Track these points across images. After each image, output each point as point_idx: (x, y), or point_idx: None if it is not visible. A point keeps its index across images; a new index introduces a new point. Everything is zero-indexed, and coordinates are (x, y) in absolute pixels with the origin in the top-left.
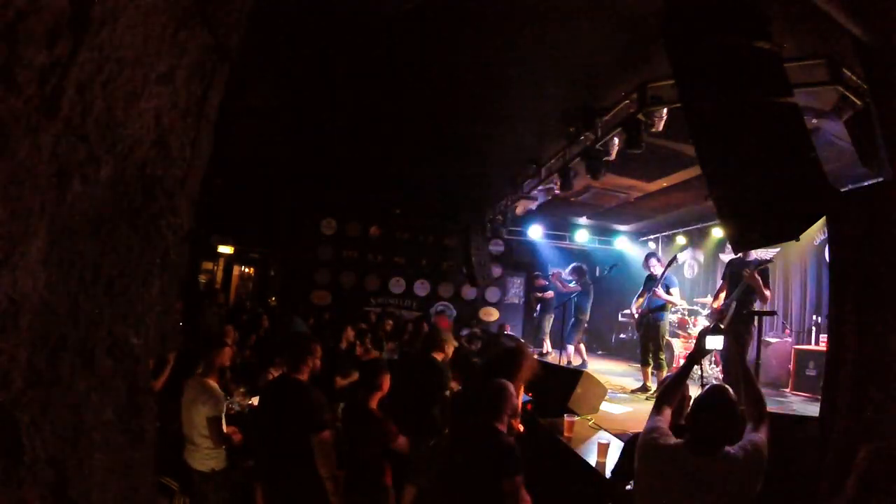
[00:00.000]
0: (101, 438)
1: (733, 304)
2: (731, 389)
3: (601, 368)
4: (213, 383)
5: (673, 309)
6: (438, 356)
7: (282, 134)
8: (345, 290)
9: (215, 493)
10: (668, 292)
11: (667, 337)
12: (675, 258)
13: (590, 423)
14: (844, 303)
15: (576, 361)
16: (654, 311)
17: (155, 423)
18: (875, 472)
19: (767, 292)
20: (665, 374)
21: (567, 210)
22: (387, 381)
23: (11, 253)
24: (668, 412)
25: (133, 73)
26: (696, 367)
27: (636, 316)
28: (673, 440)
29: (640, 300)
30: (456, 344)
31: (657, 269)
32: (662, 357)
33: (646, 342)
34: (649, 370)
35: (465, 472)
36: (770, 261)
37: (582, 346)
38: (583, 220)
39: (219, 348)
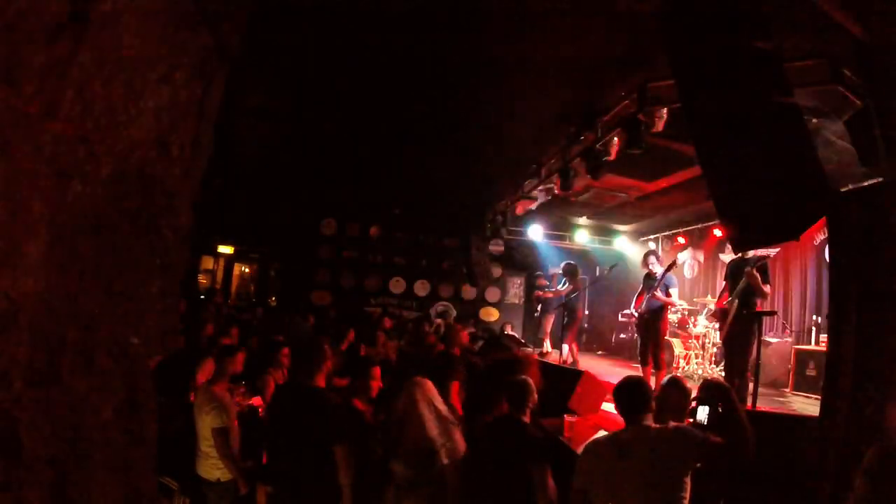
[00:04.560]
0: (101, 438)
1: (735, 303)
2: (641, 378)
3: (601, 368)
4: (221, 392)
5: (673, 309)
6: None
7: (282, 134)
8: (345, 290)
9: (216, 500)
10: (667, 293)
11: (667, 337)
12: (674, 261)
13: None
14: (844, 303)
15: (569, 360)
16: (654, 311)
17: (155, 423)
18: (884, 470)
19: (767, 288)
20: (665, 374)
21: (567, 210)
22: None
23: (11, 253)
24: None
25: (133, 73)
26: (696, 366)
27: (636, 316)
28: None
29: (640, 299)
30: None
31: (656, 268)
32: (663, 357)
33: (646, 342)
34: (649, 370)
35: (491, 464)
36: (768, 256)
37: (573, 345)
38: (583, 220)
39: (231, 356)
